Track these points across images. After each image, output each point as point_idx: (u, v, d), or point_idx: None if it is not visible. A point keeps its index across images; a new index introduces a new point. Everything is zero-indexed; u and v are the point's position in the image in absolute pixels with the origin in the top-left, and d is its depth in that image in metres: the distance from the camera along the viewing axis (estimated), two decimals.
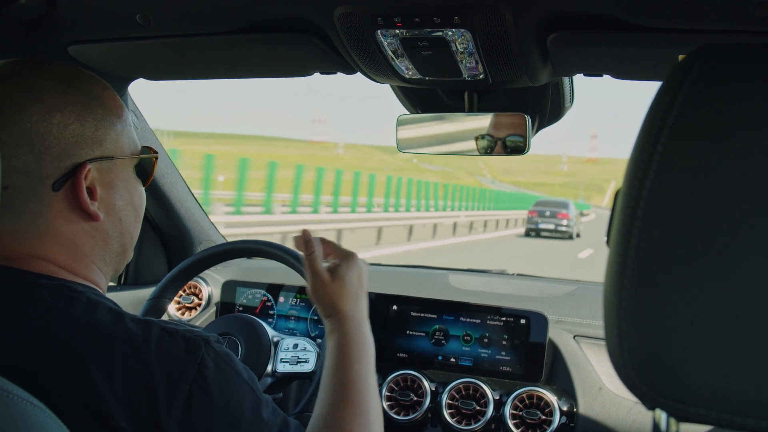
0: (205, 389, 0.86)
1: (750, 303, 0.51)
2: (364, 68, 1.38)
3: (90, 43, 1.43)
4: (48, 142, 0.91)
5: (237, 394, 0.90)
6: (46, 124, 0.91)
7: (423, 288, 2.12)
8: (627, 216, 0.56)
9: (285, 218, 15.94)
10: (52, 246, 0.93)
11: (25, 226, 0.91)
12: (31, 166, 0.90)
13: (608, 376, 1.72)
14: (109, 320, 0.87)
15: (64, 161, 0.92)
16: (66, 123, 0.92)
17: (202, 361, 0.87)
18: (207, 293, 2.16)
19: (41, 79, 0.93)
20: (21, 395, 0.72)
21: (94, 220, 0.95)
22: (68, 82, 0.95)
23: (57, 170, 0.91)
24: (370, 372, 1.14)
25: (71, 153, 0.92)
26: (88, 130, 0.94)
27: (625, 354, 0.56)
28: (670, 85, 0.56)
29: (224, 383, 0.89)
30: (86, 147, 0.94)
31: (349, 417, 1.04)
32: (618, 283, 0.56)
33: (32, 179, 0.90)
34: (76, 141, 0.93)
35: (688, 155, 0.54)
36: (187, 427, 0.84)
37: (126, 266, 2.18)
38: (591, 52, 1.25)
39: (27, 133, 0.89)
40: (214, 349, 0.90)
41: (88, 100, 0.96)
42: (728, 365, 0.52)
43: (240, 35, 1.31)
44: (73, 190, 0.93)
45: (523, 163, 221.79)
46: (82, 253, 0.96)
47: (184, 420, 0.84)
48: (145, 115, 1.94)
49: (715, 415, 0.53)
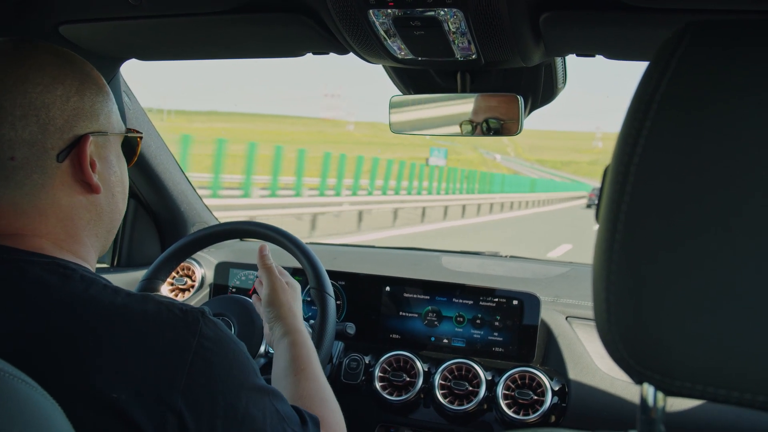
0: (207, 359, 0.88)
1: (738, 277, 0.51)
2: (357, 48, 1.37)
3: (82, 22, 1.42)
4: (52, 113, 0.92)
5: (236, 363, 0.92)
6: (51, 96, 0.92)
7: (416, 269, 2.13)
8: (615, 191, 0.56)
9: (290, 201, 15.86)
10: (49, 219, 0.94)
11: (27, 198, 0.92)
12: (36, 137, 0.91)
13: (600, 357, 1.73)
14: (105, 296, 0.88)
15: (67, 133, 0.94)
16: (68, 95, 0.94)
17: (201, 331, 0.89)
18: (200, 275, 2.16)
19: (41, 53, 0.95)
20: (12, 373, 0.72)
21: (93, 192, 0.98)
22: (65, 59, 0.97)
23: (61, 141, 0.93)
24: (318, 363, 1.32)
25: (73, 125, 0.94)
26: (87, 104, 0.97)
27: (614, 328, 0.56)
28: (659, 61, 0.56)
29: (224, 353, 0.90)
30: (86, 120, 0.96)
31: (310, 390, 1.22)
32: (607, 257, 0.56)
33: (38, 150, 0.91)
34: (77, 113, 0.95)
35: (676, 131, 0.54)
36: (190, 397, 0.85)
37: (119, 248, 2.21)
38: (583, 32, 1.25)
39: (32, 103, 0.91)
40: (211, 320, 0.92)
41: (83, 76, 0.98)
42: (715, 339, 0.52)
43: (232, 15, 1.30)
44: (76, 161, 0.95)
45: (552, 139, 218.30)
46: (76, 227, 0.97)
47: (187, 390, 0.85)
48: (145, 93, 1.93)
49: (701, 388, 0.53)
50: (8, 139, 0.89)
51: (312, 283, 1.62)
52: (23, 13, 1.37)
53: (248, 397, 0.91)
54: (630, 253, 0.55)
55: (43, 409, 0.73)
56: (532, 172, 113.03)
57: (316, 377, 1.26)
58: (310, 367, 1.27)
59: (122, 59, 1.71)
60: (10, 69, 0.92)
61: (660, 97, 0.55)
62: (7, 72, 0.91)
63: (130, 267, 2.20)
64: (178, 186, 2.19)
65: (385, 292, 1.94)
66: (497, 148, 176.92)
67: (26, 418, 0.71)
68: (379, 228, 17.02)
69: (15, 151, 0.90)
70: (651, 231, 0.54)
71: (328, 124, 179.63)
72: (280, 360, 1.30)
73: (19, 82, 0.91)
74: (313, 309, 1.97)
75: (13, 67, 0.92)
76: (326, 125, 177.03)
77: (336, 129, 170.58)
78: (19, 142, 0.90)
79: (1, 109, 0.89)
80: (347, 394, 1.85)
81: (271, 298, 1.42)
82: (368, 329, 1.94)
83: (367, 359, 1.88)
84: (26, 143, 0.91)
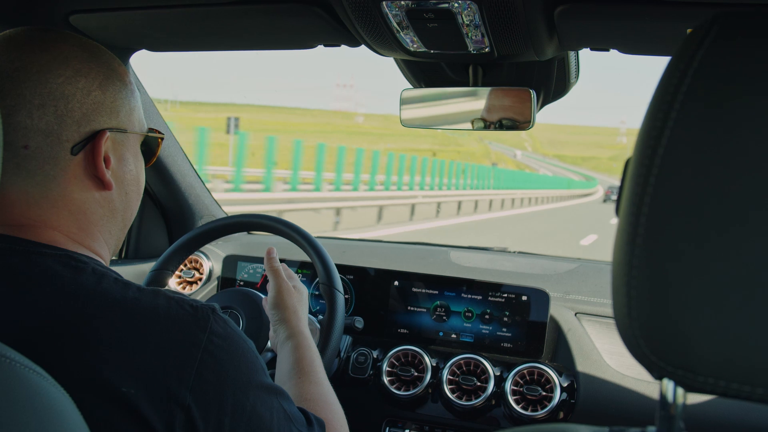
0: (216, 356, 0.87)
1: (762, 272, 0.51)
2: (369, 40, 1.36)
3: (92, 12, 1.41)
4: (71, 105, 0.92)
5: (245, 361, 0.92)
6: (72, 88, 0.92)
7: (425, 264, 2.12)
8: (638, 185, 0.55)
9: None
10: (61, 212, 0.93)
11: (38, 189, 0.92)
12: (52, 128, 0.91)
13: (609, 353, 1.73)
14: (116, 290, 0.88)
15: (84, 126, 0.93)
16: (89, 89, 0.94)
17: (211, 328, 0.89)
18: (208, 268, 2.16)
19: (67, 45, 0.95)
20: (24, 363, 0.72)
21: (106, 189, 0.97)
22: (91, 52, 0.97)
23: (77, 134, 0.92)
24: (322, 367, 1.31)
25: (91, 119, 0.94)
26: (108, 99, 0.96)
27: (635, 323, 0.55)
28: (684, 53, 0.55)
29: (233, 350, 0.90)
30: (105, 115, 0.96)
31: (314, 393, 1.22)
32: (629, 251, 0.55)
33: (52, 141, 0.91)
34: (97, 108, 0.94)
35: (702, 124, 0.53)
36: (199, 393, 0.85)
37: (127, 240, 2.21)
38: (599, 26, 1.24)
39: (52, 94, 0.90)
40: (221, 317, 0.92)
41: (109, 71, 0.98)
42: (738, 334, 0.51)
43: (244, 5, 1.30)
44: (90, 155, 0.94)
45: (575, 134, 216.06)
46: (89, 222, 0.96)
47: (195, 386, 0.85)
48: (153, 83, 1.92)
49: (723, 384, 0.52)
50: (23, 127, 0.89)
51: (321, 278, 1.61)
52: (33, 3, 1.37)
53: (256, 396, 0.91)
54: (652, 247, 0.54)
55: (54, 400, 0.73)
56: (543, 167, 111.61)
57: (320, 381, 1.26)
58: (313, 371, 1.27)
59: (132, 50, 1.70)
60: (34, 57, 0.91)
61: (686, 89, 0.54)
62: (31, 60, 0.91)
63: (138, 259, 2.20)
64: (187, 179, 2.18)
65: (393, 286, 1.94)
66: (515, 142, 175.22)
67: (38, 409, 0.70)
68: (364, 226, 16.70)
69: (29, 140, 0.90)
70: (674, 225, 0.53)
71: (339, 115, 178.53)
72: (284, 363, 1.30)
73: (42, 71, 0.91)
74: (321, 303, 1.97)
75: (37, 56, 0.92)
76: (336, 117, 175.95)
77: (345, 121, 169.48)
78: (34, 130, 0.90)
79: (20, 96, 0.89)
80: (355, 388, 1.84)
81: (277, 301, 1.41)
82: (376, 324, 1.93)
83: (375, 354, 1.87)
84: (41, 133, 0.90)
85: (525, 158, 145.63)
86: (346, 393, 1.47)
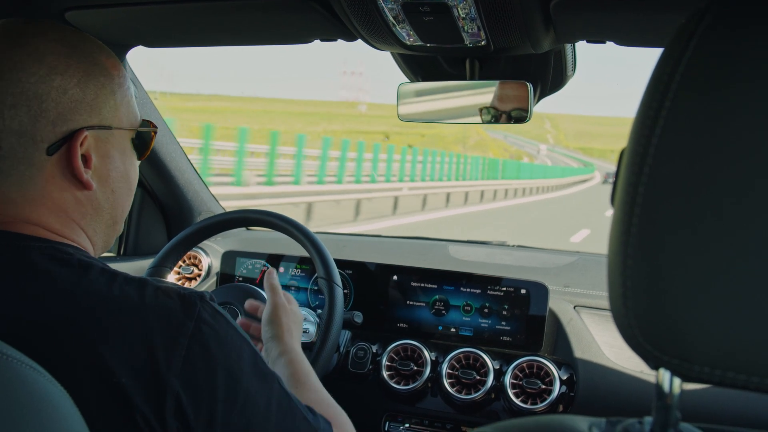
0: (204, 344, 0.86)
1: (758, 260, 0.50)
2: (365, 34, 1.36)
3: (88, 8, 1.41)
4: (46, 105, 0.89)
5: (235, 348, 0.90)
6: (46, 87, 0.89)
7: (424, 259, 2.12)
8: (633, 174, 0.55)
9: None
10: (40, 209, 0.91)
11: (15, 188, 0.90)
12: (26, 128, 0.88)
13: (608, 346, 1.73)
14: (103, 281, 0.87)
15: (60, 126, 0.90)
16: (66, 87, 0.90)
17: (199, 316, 0.87)
18: (207, 264, 2.16)
19: (44, 40, 0.91)
20: (20, 358, 0.72)
21: (86, 188, 0.94)
22: (72, 47, 0.93)
23: (52, 134, 0.90)
24: (317, 378, 1.29)
25: (68, 118, 0.91)
26: (88, 97, 0.93)
27: (630, 313, 0.55)
28: (678, 42, 0.55)
29: (222, 337, 0.89)
30: (84, 114, 0.92)
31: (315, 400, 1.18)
32: (624, 241, 0.55)
33: (26, 141, 0.88)
34: (75, 106, 0.91)
35: (696, 112, 0.53)
36: (188, 381, 0.84)
37: (125, 237, 2.21)
38: (594, 18, 1.24)
39: (25, 93, 0.87)
40: (209, 304, 0.90)
41: (91, 66, 0.94)
42: (735, 323, 0.51)
43: (239, 1, 1.29)
44: (67, 156, 0.91)
45: (603, 125, 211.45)
46: (71, 219, 0.95)
47: (183, 373, 0.84)
48: (151, 78, 1.92)
49: (720, 373, 0.52)
50: None
51: (320, 273, 1.61)
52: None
53: (249, 382, 0.90)
54: (647, 236, 0.54)
55: (51, 395, 0.73)
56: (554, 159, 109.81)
57: (318, 389, 1.24)
58: (310, 381, 1.25)
59: (129, 46, 1.70)
60: (7, 54, 0.88)
61: (680, 77, 0.54)
62: (3, 57, 0.88)
63: (137, 256, 2.20)
64: (185, 175, 2.18)
65: (392, 281, 1.94)
66: (536, 135, 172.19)
67: (35, 405, 0.70)
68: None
69: (2, 141, 0.87)
70: (669, 214, 0.53)
71: (342, 105, 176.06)
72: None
73: (14, 69, 0.88)
74: (320, 298, 1.97)
75: (11, 52, 0.88)
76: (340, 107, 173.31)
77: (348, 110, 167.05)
78: (6, 131, 0.87)
79: None
80: (355, 383, 1.84)
81: (272, 317, 1.39)
82: (376, 318, 1.93)
83: (375, 348, 1.87)
84: (14, 133, 0.88)
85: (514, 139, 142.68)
86: (346, 388, 1.48)
